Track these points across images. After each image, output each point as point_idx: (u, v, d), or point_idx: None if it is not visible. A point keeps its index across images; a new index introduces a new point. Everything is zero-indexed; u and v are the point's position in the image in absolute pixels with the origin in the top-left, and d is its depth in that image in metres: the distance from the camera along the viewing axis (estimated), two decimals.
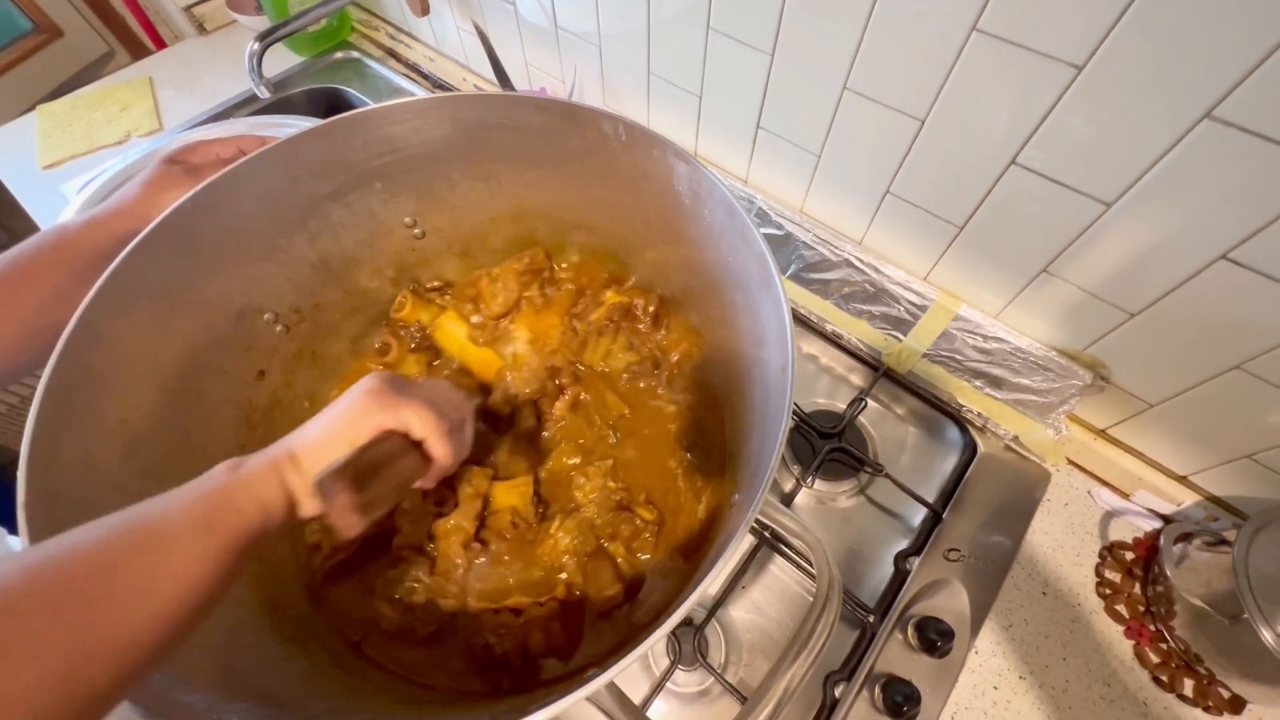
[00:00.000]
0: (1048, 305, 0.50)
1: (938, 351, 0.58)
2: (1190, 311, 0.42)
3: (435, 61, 0.92)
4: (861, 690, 0.46)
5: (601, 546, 0.45)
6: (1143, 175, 0.38)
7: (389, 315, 0.55)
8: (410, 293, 0.54)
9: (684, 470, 0.48)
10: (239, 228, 0.40)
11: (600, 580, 0.43)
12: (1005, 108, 0.41)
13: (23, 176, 0.80)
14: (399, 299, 0.54)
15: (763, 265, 0.35)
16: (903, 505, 0.56)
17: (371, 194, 0.47)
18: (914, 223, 0.53)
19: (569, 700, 0.24)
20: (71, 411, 0.30)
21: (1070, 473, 0.57)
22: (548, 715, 0.24)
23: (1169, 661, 0.48)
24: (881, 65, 0.45)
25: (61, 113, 0.86)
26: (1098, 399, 0.53)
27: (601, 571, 0.43)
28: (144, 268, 0.34)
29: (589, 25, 0.65)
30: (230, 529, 0.26)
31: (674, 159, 0.40)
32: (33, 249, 0.38)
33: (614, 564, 0.44)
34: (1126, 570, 0.52)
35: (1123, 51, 0.35)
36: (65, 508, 0.28)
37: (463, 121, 0.44)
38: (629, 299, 0.54)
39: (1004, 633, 0.49)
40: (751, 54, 0.52)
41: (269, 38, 0.70)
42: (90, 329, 0.31)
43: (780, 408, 0.32)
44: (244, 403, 0.44)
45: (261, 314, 0.44)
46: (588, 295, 0.56)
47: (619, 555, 0.44)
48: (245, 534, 0.27)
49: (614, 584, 0.42)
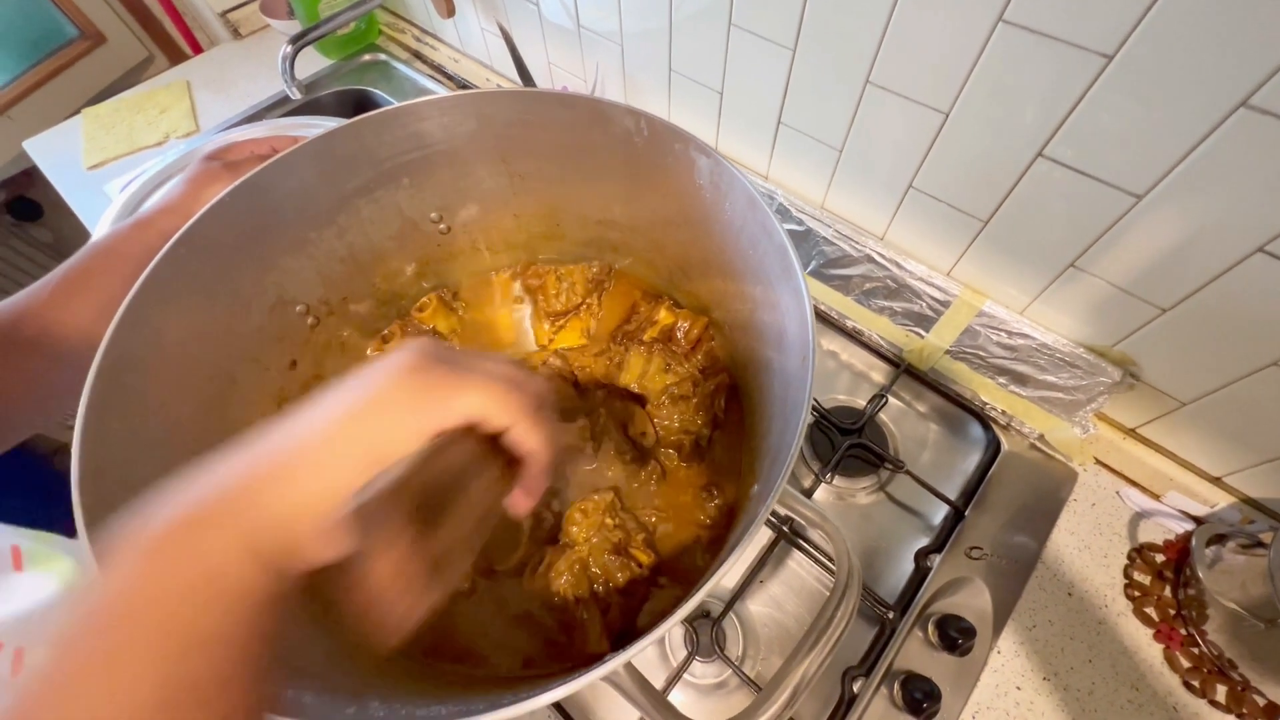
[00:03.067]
0: (1075, 301, 0.50)
1: (961, 348, 0.58)
2: (1225, 306, 0.41)
3: (459, 63, 0.93)
4: (880, 687, 0.46)
5: (595, 592, 0.42)
6: (1175, 166, 0.37)
7: (409, 312, 0.55)
8: (437, 297, 0.55)
9: (702, 484, 0.47)
10: (273, 221, 0.42)
11: (588, 633, 0.40)
12: (1032, 99, 0.41)
13: (69, 176, 0.84)
14: (423, 300, 0.55)
15: (783, 257, 0.35)
16: (924, 503, 0.56)
17: (399, 190, 0.48)
18: (937, 217, 0.53)
19: (587, 679, 0.25)
20: (118, 394, 0.32)
21: (1098, 472, 0.56)
22: (566, 692, 0.25)
23: (1200, 666, 0.47)
24: (905, 58, 0.45)
25: (105, 115, 0.90)
26: (1127, 397, 0.52)
27: (591, 624, 0.40)
28: (186, 259, 0.36)
29: (611, 24, 0.65)
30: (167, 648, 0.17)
31: (696, 153, 0.40)
32: (86, 259, 0.40)
33: (603, 616, 0.41)
34: (1156, 572, 0.51)
35: (1155, 39, 0.34)
36: (113, 484, 0.30)
37: (488, 118, 0.45)
38: (674, 320, 0.53)
39: (1028, 633, 0.49)
40: (773, 49, 0.52)
41: (301, 41, 0.72)
42: (137, 316, 0.33)
43: (800, 399, 0.32)
44: (277, 391, 0.45)
45: (294, 306, 0.46)
46: (641, 312, 0.55)
47: (613, 603, 0.41)
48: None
49: (600, 641, 0.39)
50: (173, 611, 0.17)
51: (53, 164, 0.86)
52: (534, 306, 0.57)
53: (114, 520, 0.28)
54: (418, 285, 0.56)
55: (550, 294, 0.56)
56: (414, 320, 0.55)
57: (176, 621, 0.17)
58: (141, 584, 0.18)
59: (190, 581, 0.18)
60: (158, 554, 0.18)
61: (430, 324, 0.55)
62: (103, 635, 0.17)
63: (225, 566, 0.18)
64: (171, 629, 0.17)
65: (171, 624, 0.17)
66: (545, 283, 0.56)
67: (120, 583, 0.18)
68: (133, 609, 0.17)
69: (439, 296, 0.56)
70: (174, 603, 0.18)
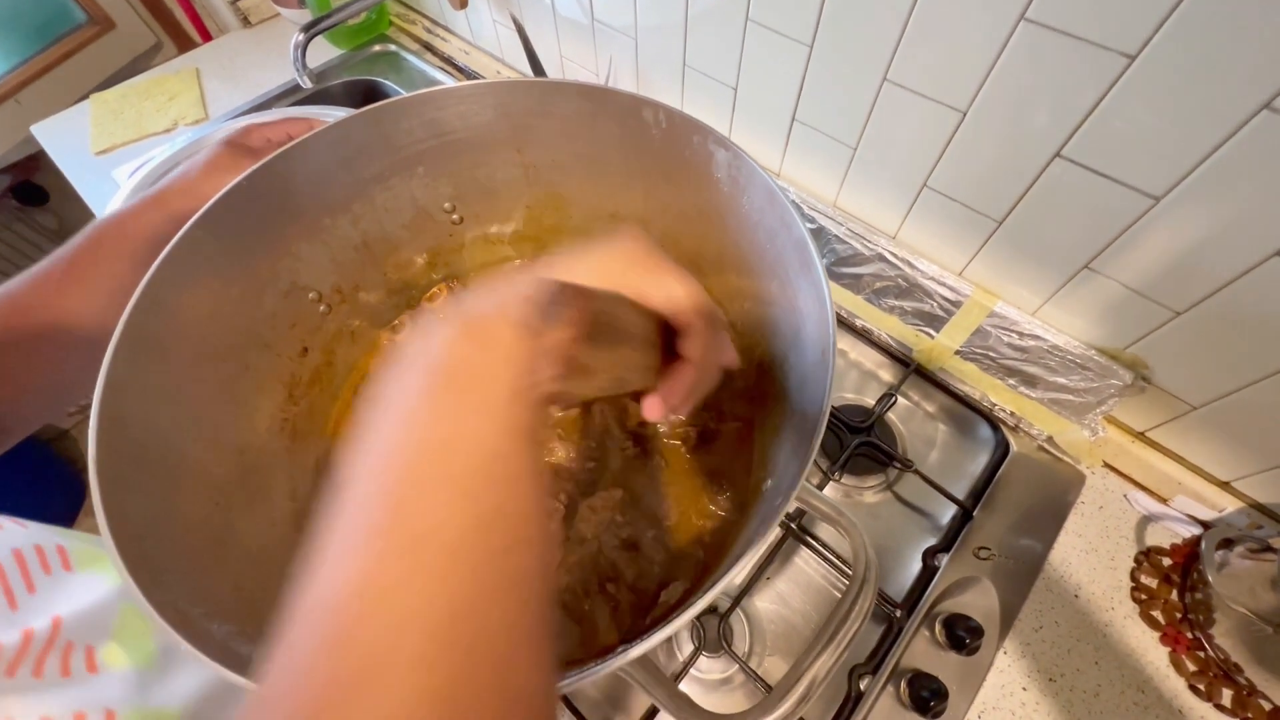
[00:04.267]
0: (1088, 302, 0.50)
1: (971, 349, 0.58)
2: (1240, 310, 0.41)
3: (470, 55, 0.93)
4: (887, 684, 0.46)
5: (604, 587, 0.41)
6: (1195, 168, 0.37)
7: (419, 303, 0.55)
8: (446, 288, 0.55)
9: (710, 477, 0.46)
10: (290, 206, 0.42)
11: (598, 627, 0.40)
12: (1051, 99, 0.41)
13: (77, 162, 0.83)
14: (432, 290, 0.55)
15: (802, 250, 0.35)
16: (931, 502, 0.56)
17: (414, 178, 0.48)
18: (951, 217, 0.53)
19: (603, 669, 0.25)
20: (136, 375, 0.32)
21: (1106, 475, 0.56)
22: (581, 680, 0.25)
23: (1207, 670, 0.47)
24: (924, 56, 0.45)
25: (113, 101, 0.90)
26: (1137, 400, 0.52)
27: (599, 617, 0.40)
28: (203, 242, 0.36)
29: (626, 18, 0.65)
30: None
31: (714, 145, 0.40)
32: (96, 238, 0.39)
33: (613, 609, 0.41)
34: (1164, 576, 0.51)
35: (1179, 40, 0.34)
36: (128, 465, 0.30)
37: (506, 107, 0.45)
38: None
39: (1034, 634, 0.49)
40: (790, 45, 0.52)
41: (313, 29, 0.72)
42: (155, 296, 0.33)
43: (819, 394, 0.32)
44: (287, 377, 0.45)
45: (307, 292, 0.46)
46: None
47: (622, 599, 0.41)
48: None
49: (611, 632, 0.39)
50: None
51: (60, 149, 0.85)
52: None
53: (130, 502, 0.29)
54: (428, 275, 0.56)
55: None
56: (424, 309, 0.55)
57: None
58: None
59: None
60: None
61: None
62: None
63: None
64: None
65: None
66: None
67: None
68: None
69: (449, 287, 0.55)
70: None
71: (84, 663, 0.29)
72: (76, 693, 0.27)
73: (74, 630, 0.29)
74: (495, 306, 0.21)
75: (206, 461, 0.36)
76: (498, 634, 0.16)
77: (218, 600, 0.30)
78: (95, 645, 0.30)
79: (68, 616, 0.29)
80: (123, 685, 0.30)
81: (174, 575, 0.28)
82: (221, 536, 0.34)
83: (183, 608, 0.26)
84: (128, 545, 0.26)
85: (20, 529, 0.30)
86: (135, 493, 0.29)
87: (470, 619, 0.16)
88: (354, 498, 0.18)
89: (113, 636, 0.31)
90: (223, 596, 0.30)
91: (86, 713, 0.27)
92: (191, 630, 0.25)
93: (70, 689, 0.27)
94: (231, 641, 0.26)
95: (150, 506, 0.30)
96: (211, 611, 0.28)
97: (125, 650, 0.31)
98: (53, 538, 0.31)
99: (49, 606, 0.29)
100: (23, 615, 0.27)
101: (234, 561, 0.34)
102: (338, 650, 0.15)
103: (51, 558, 0.30)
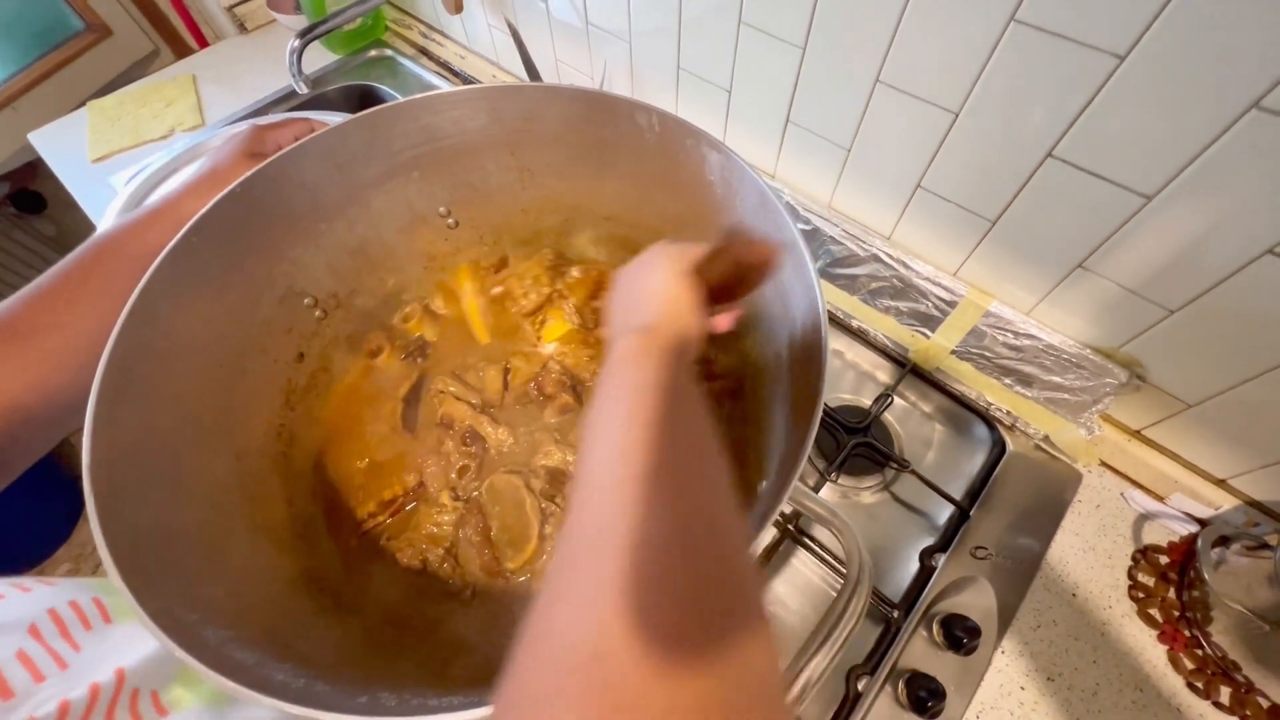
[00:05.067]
0: (1083, 302, 0.50)
1: (966, 348, 0.58)
2: (1234, 308, 0.41)
3: (466, 59, 0.94)
4: (885, 685, 0.46)
5: None
6: (1186, 167, 0.37)
7: (391, 323, 0.54)
8: (421, 307, 0.55)
9: None
10: (285, 213, 0.42)
11: None
12: (1043, 99, 0.41)
13: (74, 169, 0.83)
14: (407, 310, 0.54)
15: (795, 253, 0.35)
16: (928, 502, 0.56)
17: (409, 183, 0.48)
18: (945, 217, 0.53)
19: None
20: (130, 383, 0.32)
21: (1102, 474, 0.56)
22: None
23: (1204, 668, 0.47)
24: (916, 57, 0.45)
25: (110, 108, 0.90)
26: (1133, 398, 0.52)
27: None
28: (198, 248, 0.36)
29: (620, 22, 0.65)
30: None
31: (707, 149, 0.41)
32: (96, 255, 0.37)
33: None
34: (1161, 574, 0.51)
35: (1167, 40, 0.34)
36: (123, 471, 0.30)
37: (500, 112, 0.45)
38: None
39: (1032, 633, 0.49)
40: (783, 47, 0.53)
41: (308, 35, 0.72)
42: (149, 305, 0.33)
43: (812, 397, 0.32)
44: (284, 382, 0.45)
45: (302, 298, 0.46)
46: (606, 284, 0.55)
47: None
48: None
49: None
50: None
51: (57, 157, 0.86)
52: (508, 314, 0.55)
53: (126, 509, 0.29)
54: (424, 280, 0.56)
55: (518, 297, 0.55)
56: (399, 329, 0.54)
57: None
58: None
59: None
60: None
61: (417, 332, 0.54)
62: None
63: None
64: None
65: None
66: (508, 288, 0.55)
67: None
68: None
69: (423, 306, 0.55)
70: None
71: (152, 707, 0.28)
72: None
73: (138, 679, 0.28)
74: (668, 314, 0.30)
75: (202, 467, 0.36)
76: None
77: (214, 606, 0.30)
78: (160, 690, 0.29)
79: (130, 667, 0.28)
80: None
81: (169, 581, 0.28)
82: (218, 542, 0.34)
83: (179, 614, 0.26)
84: (123, 552, 0.27)
85: (48, 588, 0.29)
86: (130, 499, 0.29)
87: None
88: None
89: (176, 679, 0.30)
90: (219, 602, 0.30)
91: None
92: (186, 637, 0.25)
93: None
94: (227, 647, 0.26)
95: (145, 513, 0.30)
96: (207, 617, 0.28)
97: (190, 691, 0.30)
98: (85, 592, 0.30)
99: (105, 660, 0.28)
100: (79, 672, 0.27)
101: (230, 567, 0.34)
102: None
103: (90, 613, 0.29)
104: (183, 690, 0.30)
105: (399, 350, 0.52)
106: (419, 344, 0.53)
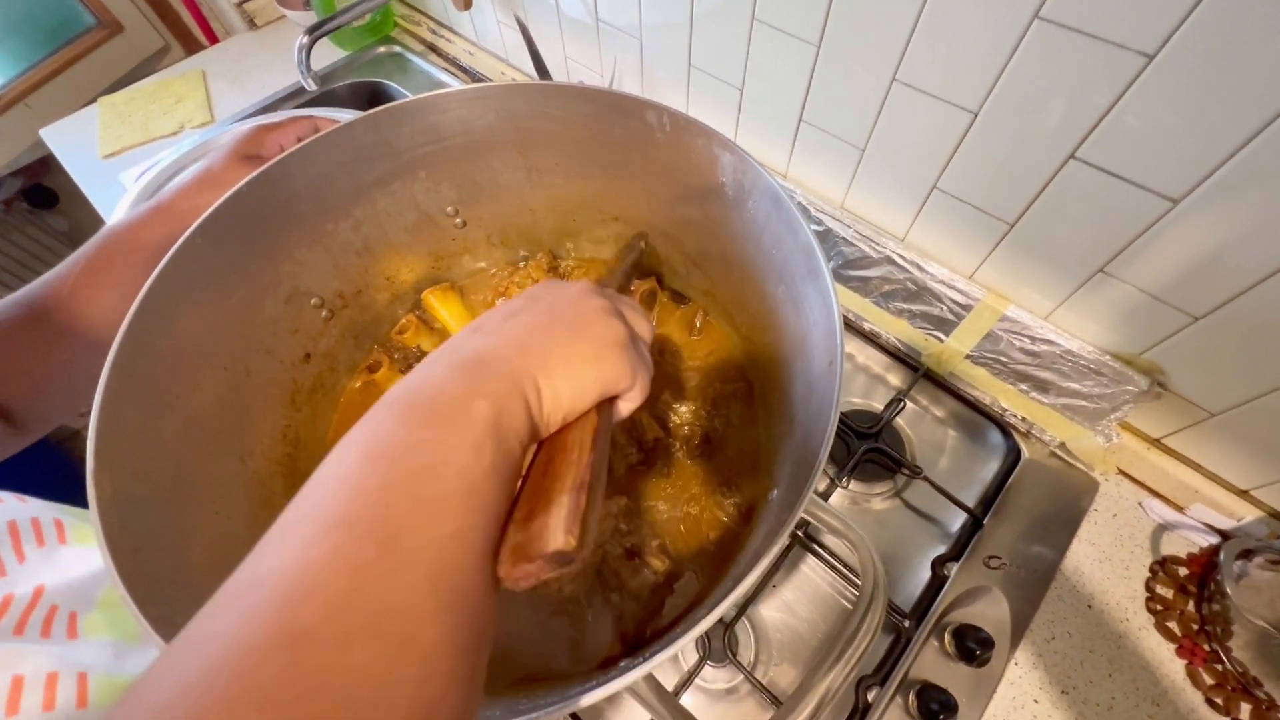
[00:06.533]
0: (1102, 307, 0.48)
1: (981, 353, 0.57)
2: (1261, 315, 0.40)
3: (475, 56, 0.93)
4: (895, 696, 0.45)
5: (608, 597, 0.41)
6: (1216, 170, 0.36)
7: (388, 336, 0.53)
8: (416, 318, 0.54)
9: (716, 482, 0.46)
10: (291, 212, 0.41)
11: (599, 636, 0.39)
12: (1066, 99, 0.40)
13: (85, 165, 0.84)
14: (402, 322, 0.54)
15: (809, 256, 0.35)
16: (941, 510, 0.55)
17: (416, 182, 0.47)
18: (961, 219, 0.52)
19: (602, 692, 0.24)
20: (135, 384, 0.31)
21: (1120, 483, 0.55)
22: (588, 702, 0.24)
23: (1224, 684, 0.46)
24: (935, 56, 0.44)
25: (121, 104, 0.90)
26: (1153, 406, 0.50)
27: (601, 627, 0.39)
28: (203, 249, 0.36)
29: (630, 18, 0.64)
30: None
31: (719, 149, 0.40)
32: (107, 246, 0.39)
33: (616, 619, 0.40)
34: (1179, 586, 0.50)
35: (1198, 38, 0.33)
36: (127, 475, 0.29)
37: (508, 111, 0.44)
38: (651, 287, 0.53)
39: (1046, 645, 0.48)
40: (797, 45, 0.52)
41: (317, 31, 0.71)
42: (155, 306, 0.32)
43: (826, 404, 0.31)
44: (289, 384, 0.45)
45: (309, 298, 0.45)
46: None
47: (625, 609, 0.40)
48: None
49: (614, 644, 0.39)
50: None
51: (69, 152, 0.86)
52: None
53: (129, 512, 0.28)
54: (431, 280, 0.55)
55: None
56: (395, 342, 0.53)
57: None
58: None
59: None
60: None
61: (414, 344, 0.54)
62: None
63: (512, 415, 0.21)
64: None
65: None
66: (508, 294, 0.55)
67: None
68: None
69: (418, 317, 0.54)
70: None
71: (65, 627, 0.30)
72: (52, 652, 0.28)
73: (57, 597, 0.30)
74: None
75: (207, 470, 0.35)
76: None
77: None
78: (79, 613, 0.30)
79: (51, 585, 0.30)
80: (100, 652, 0.30)
81: (171, 587, 0.28)
82: (221, 548, 0.34)
83: (179, 622, 0.26)
84: (124, 556, 0.26)
85: (20, 504, 0.31)
86: (133, 502, 0.29)
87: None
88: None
89: (97, 607, 0.31)
90: None
91: (60, 672, 0.27)
92: None
93: (47, 647, 0.28)
94: None
95: (148, 516, 0.30)
96: None
97: (108, 621, 0.31)
98: (52, 513, 0.32)
99: (34, 575, 0.30)
100: (12, 581, 0.29)
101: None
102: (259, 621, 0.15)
103: (48, 531, 0.31)
104: (101, 619, 0.31)
105: (398, 365, 0.52)
106: (417, 355, 0.53)
